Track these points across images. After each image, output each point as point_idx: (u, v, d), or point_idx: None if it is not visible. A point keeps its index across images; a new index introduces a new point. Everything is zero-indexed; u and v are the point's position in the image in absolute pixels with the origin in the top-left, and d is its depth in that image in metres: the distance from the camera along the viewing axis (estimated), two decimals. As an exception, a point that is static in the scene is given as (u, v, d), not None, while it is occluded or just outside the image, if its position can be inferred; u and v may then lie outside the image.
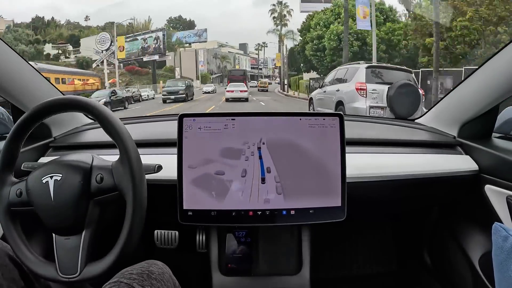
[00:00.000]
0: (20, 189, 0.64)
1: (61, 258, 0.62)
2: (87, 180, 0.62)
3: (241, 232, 0.91)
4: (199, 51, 38.61)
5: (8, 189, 0.64)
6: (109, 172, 0.63)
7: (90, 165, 0.64)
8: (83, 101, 0.63)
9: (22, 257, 0.63)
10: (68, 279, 0.61)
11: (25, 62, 0.87)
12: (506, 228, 0.54)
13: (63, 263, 0.62)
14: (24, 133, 0.65)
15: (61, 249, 0.63)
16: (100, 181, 0.62)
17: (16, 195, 0.63)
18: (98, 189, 0.62)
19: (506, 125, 0.97)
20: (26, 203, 0.63)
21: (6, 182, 0.65)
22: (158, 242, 1.01)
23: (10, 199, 0.64)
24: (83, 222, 0.62)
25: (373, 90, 5.45)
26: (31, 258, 0.63)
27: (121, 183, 0.61)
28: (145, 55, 30.19)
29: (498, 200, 0.81)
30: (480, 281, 0.83)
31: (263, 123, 0.76)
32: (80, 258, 0.61)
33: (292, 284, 0.87)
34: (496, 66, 0.82)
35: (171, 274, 0.67)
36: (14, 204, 0.64)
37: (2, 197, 0.64)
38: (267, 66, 52.88)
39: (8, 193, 0.64)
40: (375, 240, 1.29)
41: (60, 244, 0.63)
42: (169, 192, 0.76)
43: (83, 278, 0.61)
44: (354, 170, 0.81)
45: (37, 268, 0.63)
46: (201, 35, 37.71)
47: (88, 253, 0.62)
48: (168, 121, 1.18)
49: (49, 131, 0.98)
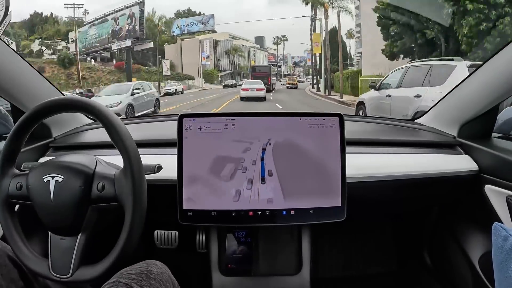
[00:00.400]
0: (20, 182, 0.64)
1: (54, 257, 0.62)
2: (88, 186, 0.62)
3: (241, 232, 0.91)
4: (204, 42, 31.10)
5: (9, 180, 0.65)
6: (111, 181, 0.62)
7: (93, 170, 0.64)
8: (83, 101, 0.63)
9: (17, 250, 0.63)
10: (59, 278, 0.61)
11: (25, 62, 0.87)
12: (506, 228, 0.54)
13: (56, 262, 0.62)
14: (24, 133, 0.65)
15: (55, 248, 0.63)
16: (101, 190, 0.62)
17: (16, 188, 0.64)
18: (98, 197, 0.62)
19: (506, 125, 0.98)
20: (25, 197, 0.63)
21: (7, 173, 0.65)
22: (158, 242, 1.01)
23: (10, 190, 0.64)
24: (80, 226, 0.62)
25: None
26: (26, 252, 0.63)
27: (122, 195, 0.61)
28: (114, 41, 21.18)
29: (498, 200, 0.81)
30: (480, 281, 0.83)
31: (263, 123, 0.76)
32: (73, 260, 0.61)
33: (292, 284, 0.87)
34: (496, 66, 0.82)
35: (170, 274, 0.67)
36: (13, 196, 0.64)
37: (2, 188, 0.64)
38: (286, 63, 47.37)
39: (8, 185, 0.64)
40: (375, 240, 1.29)
41: (55, 243, 0.63)
42: (169, 192, 0.76)
43: (74, 280, 0.61)
44: (354, 170, 0.81)
45: (30, 263, 0.63)
46: (206, 23, 30.20)
47: (82, 256, 0.62)
48: (168, 121, 1.18)
49: (49, 131, 0.98)
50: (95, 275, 0.60)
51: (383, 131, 1.15)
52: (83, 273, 0.61)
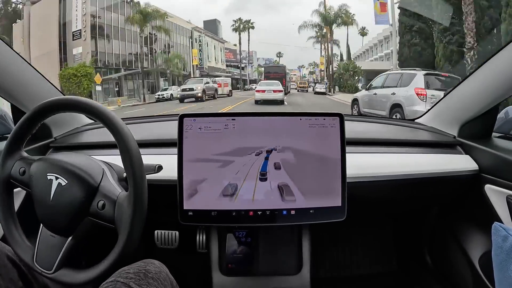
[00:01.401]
0: (24, 168, 0.64)
1: (41, 249, 0.62)
2: (89, 200, 0.61)
3: (241, 232, 0.91)
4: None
5: (13, 162, 0.65)
6: (112, 203, 0.60)
7: (97, 184, 0.62)
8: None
9: (7, 232, 0.63)
10: (41, 271, 0.61)
11: (25, 62, 0.87)
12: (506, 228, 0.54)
13: (41, 254, 0.62)
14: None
15: (43, 242, 0.62)
16: (101, 208, 0.60)
17: (19, 173, 0.64)
18: (96, 212, 0.61)
19: (506, 125, 0.98)
20: (25, 184, 0.63)
21: (13, 154, 0.65)
22: (158, 242, 1.01)
23: (13, 172, 0.64)
24: (72, 230, 0.62)
25: (431, 96, 5.65)
26: (15, 235, 0.63)
27: (119, 221, 0.59)
28: None
29: (498, 200, 0.81)
30: (480, 280, 0.83)
31: (263, 123, 0.76)
32: (58, 259, 0.61)
33: (292, 284, 0.87)
34: (496, 66, 0.82)
35: (168, 273, 0.67)
36: (14, 178, 0.64)
37: (5, 167, 0.64)
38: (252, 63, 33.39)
39: (12, 166, 0.65)
40: (375, 240, 1.29)
41: (44, 237, 0.63)
42: (169, 192, 0.76)
43: (55, 278, 0.60)
44: (354, 170, 0.81)
45: (17, 248, 0.63)
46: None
47: (67, 257, 0.61)
48: (168, 121, 1.18)
49: (50, 131, 0.98)
50: (78, 281, 0.60)
51: (383, 131, 1.15)
52: (65, 275, 0.60)
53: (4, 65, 0.81)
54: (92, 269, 0.60)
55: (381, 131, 1.14)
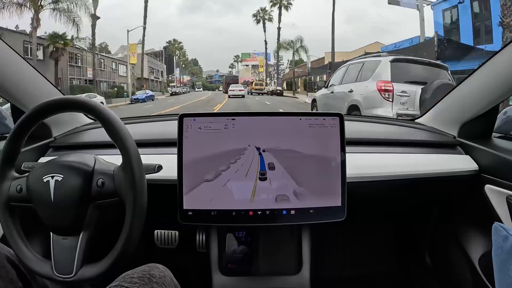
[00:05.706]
0: (20, 185, 0.64)
1: (57, 257, 0.62)
2: (88, 183, 0.62)
3: (241, 232, 0.91)
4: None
5: (9, 183, 0.64)
6: (110, 177, 0.63)
7: (92, 168, 0.64)
8: (83, 101, 0.63)
9: (19, 253, 0.63)
10: (63, 278, 0.61)
11: (25, 62, 0.87)
12: (506, 228, 0.54)
13: (59, 262, 0.62)
14: (25, 132, 0.65)
15: (57, 249, 0.63)
16: (101, 186, 0.62)
17: (16, 191, 0.63)
18: (98, 193, 0.62)
19: (506, 125, 0.97)
20: (25, 200, 0.63)
21: (7, 176, 0.65)
22: (158, 242, 1.01)
23: (10, 193, 0.64)
24: (81, 224, 0.62)
25: (402, 92, 3.98)
26: (28, 254, 0.63)
27: (122, 190, 0.61)
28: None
29: (498, 200, 0.81)
30: (480, 281, 0.83)
31: (263, 123, 0.76)
32: (76, 259, 0.61)
33: (292, 284, 0.87)
34: (496, 66, 0.82)
35: (172, 278, 0.67)
36: (13, 199, 0.64)
37: (2, 191, 0.64)
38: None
39: (8, 188, 0.64)
40: (375, 240, 1.29)
41: (57, 243, 0.63)
42: (169, 192, 0.76)
43: (78, 279, 0.61)
44: (354, 170, 0.81)
45: (33, 265, 0.62)
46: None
47: (84, 254, 0.62)
48: (168, 121, 1.18)
49: (49, 131, 0.98)
50: (98, 272, 0.60)
51: (383, 131, 1.15)
52: (86, 272, 0.61)
53: (4, 65, 0.81)
54: (109, 254, 0.61)
55: (381, 131, 1.14)
